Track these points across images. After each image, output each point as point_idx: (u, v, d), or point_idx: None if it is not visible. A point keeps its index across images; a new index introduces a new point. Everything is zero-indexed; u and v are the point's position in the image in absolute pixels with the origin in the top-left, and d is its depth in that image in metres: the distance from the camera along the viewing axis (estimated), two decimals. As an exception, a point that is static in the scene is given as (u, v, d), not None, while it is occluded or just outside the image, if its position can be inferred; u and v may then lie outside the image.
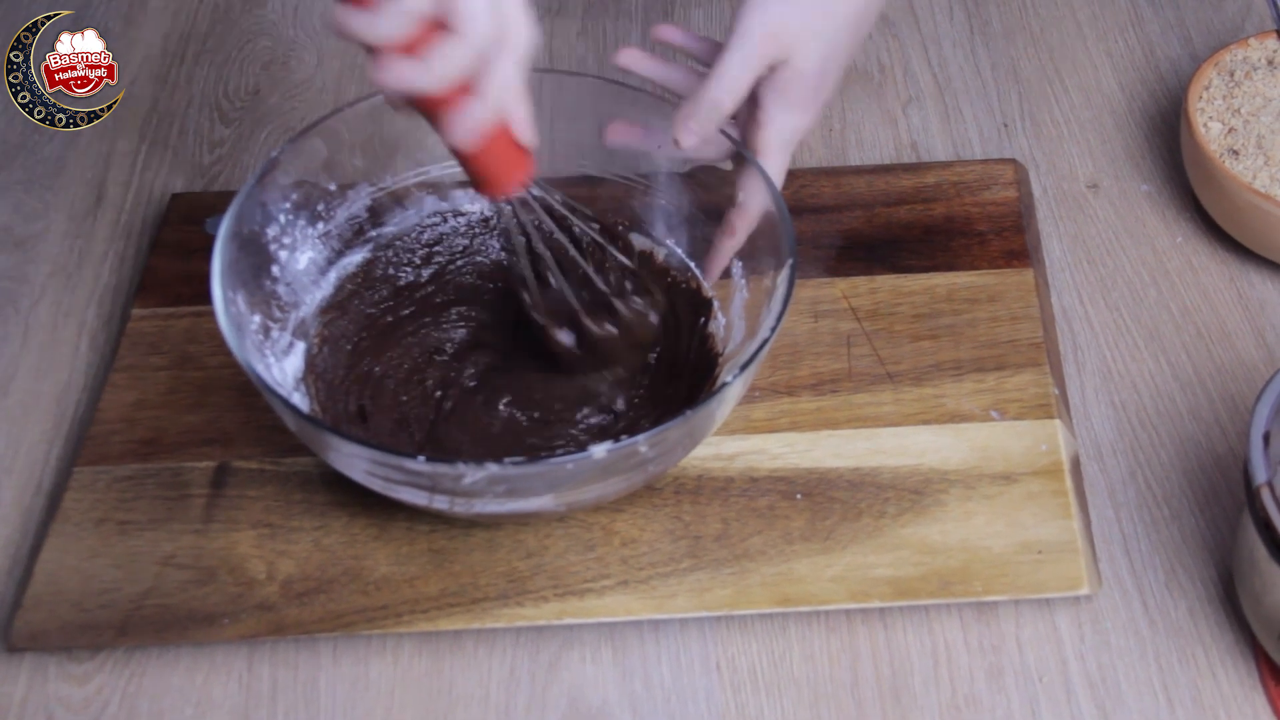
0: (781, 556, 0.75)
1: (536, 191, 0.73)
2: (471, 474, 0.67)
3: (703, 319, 0.83)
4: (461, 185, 0.87)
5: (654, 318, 0.78)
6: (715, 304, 0.83)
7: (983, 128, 1.00)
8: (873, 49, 1.06)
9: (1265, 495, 0.64)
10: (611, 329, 0.77)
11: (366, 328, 0.82)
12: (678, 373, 0.81)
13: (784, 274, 0.74)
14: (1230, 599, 0.74)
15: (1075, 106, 1.01)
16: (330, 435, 0.70)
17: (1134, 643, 0.73)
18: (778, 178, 0.79)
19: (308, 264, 0.81)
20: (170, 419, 0.82)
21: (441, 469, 0.68)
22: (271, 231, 0.78)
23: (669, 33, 0.82)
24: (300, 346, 0.79)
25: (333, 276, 0.82)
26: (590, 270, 0.76)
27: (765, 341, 0.71)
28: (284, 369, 0.78)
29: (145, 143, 1.01)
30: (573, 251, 0.76)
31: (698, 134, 0.76)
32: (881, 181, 0.93)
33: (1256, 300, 0.88)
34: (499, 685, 0.73)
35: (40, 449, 0.83)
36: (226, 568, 0.75)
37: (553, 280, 0.76)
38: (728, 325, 0.82)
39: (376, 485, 0.71)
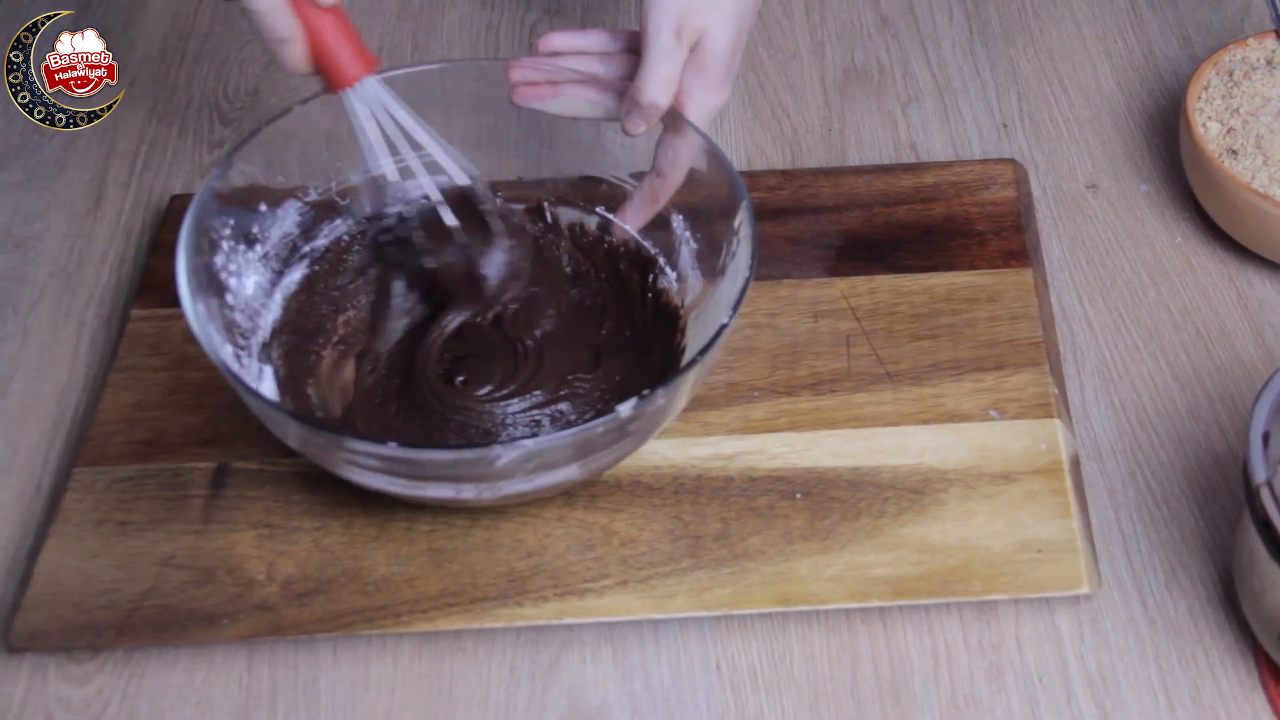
0: (781, 556, 0.75)
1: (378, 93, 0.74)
2: (506, 454, 0.67)
3: (650, 276, 0.83)
4: (377, 187, 0.86)
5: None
6: (661, 260, 0.83)
7: (982, 128, 1.00)
8: (872, 49, 1.06)
9: (1265, 495, 0.64)
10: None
11: (324, 347, 0.82)
12: (639, 331, 0.82)
13: (742, 215, 0.75)
14: (1230, 598, 0.74)
15: (1074, 107, 1.01)
16: (351, 440, 0.69)
17: (1134, 642, 0.74)
18: (673, 191, 0.82)
19: (255, 288, 0.80)
20: (169, 419, 0.82)
21: (476, 454, 0.67)
22: (219, 260, 0.77)
23: (556, 40, 0.83)
24: (269, 371, 0.79)
25: (278, 297, 0.81)
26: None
27: (748, 280, 0.72)
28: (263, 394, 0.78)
29: (145, 143, 1.01)
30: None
31: (646, 126, 0.79)
32: (880, 182, 0.93)
33: (1255, 300, 0.88)
34: (499, 685, 0.73)
35: (40, 449, 0.83)
36: (226, 568, 0.75)
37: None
38: (680, 278, 0.82)
39: (398, 488, 0.71)
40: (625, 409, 0.67)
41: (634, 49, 0.82)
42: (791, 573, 0.74)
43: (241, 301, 0.78)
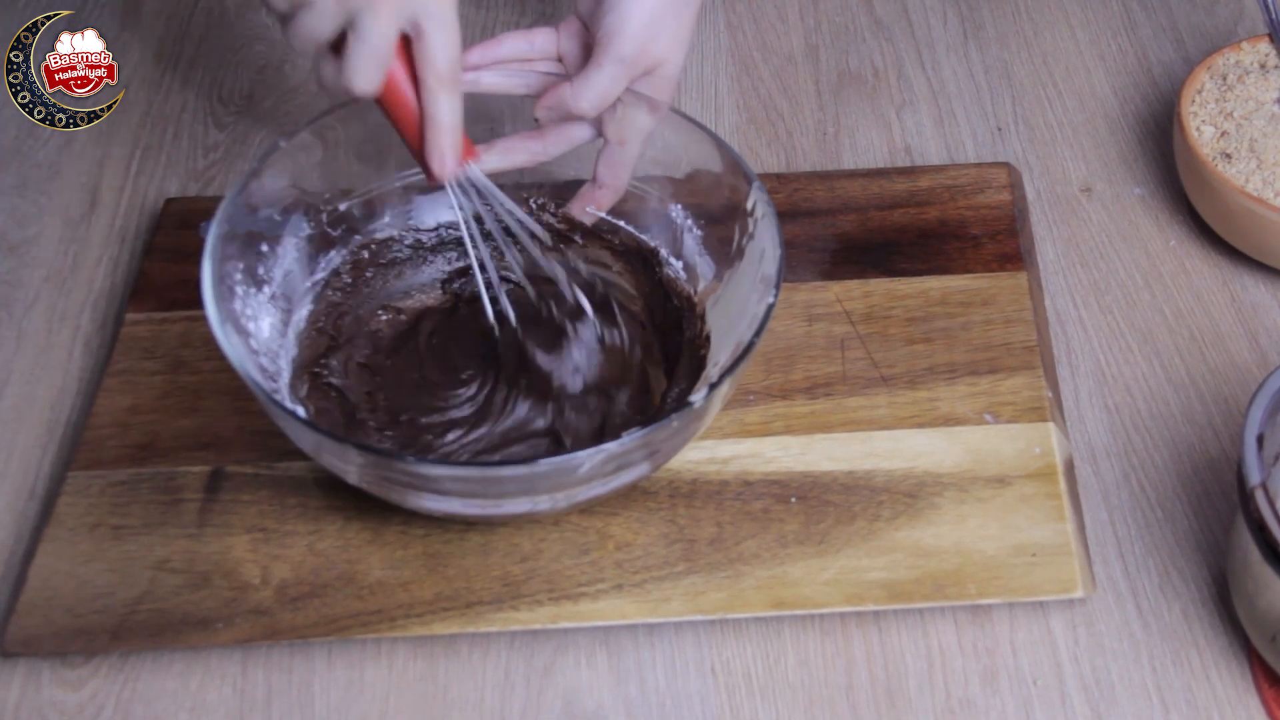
0: (776, 560, 0.75)
1: (475, 182, 0.74)
2: (589, 460, 0.67)
3: (654, 268, 0.84)
4: (367, 208, 0.85)
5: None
6: (662, 251, 0.84)
7: (976, 131, 1.00)
8: (867, 52, 1.06)
9: (1259, 497, 0.64)
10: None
11: (343, 378, 0.81)
12: (658, 323, 0.82)
13: (755, 195, 0.76)
14: (1224, 601, 0.75)
15: (1068, 110, 1.01)
16: (431, 466, 0.68)
17: (1128, 645, 0.74)
18: (635, 164, 0.83)
19: (270, 330, 0.79)
20: (164, 423, 0.82)
21: (557, 464, 0.67)
22: (237, 306, 0.76)
23: (473, 57, 0.82)
24: (300, 411, 0.77)
25: (291, 336, 0.81)
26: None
27: (781, 258, 0.73)
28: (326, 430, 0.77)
29: (139, 147, 1.01)
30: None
31: (556, 118, 0.80)
32: (875, 185, 0.93)
33: (1249, 303, 0.88)
34: (493, 689, 0.73)
35: (34, 453, 0.83)
36: (220, 572, 0.75)
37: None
38: (688, 267, 0.82)
39: (475, 509, 0.71)
40: (698, 400, 0.68)
41: (551, 55, 0.83)
42: (786, 576, 0.74)
43: (262, 344, 0.77)
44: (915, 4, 1.10)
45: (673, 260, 0.83)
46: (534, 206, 0.86)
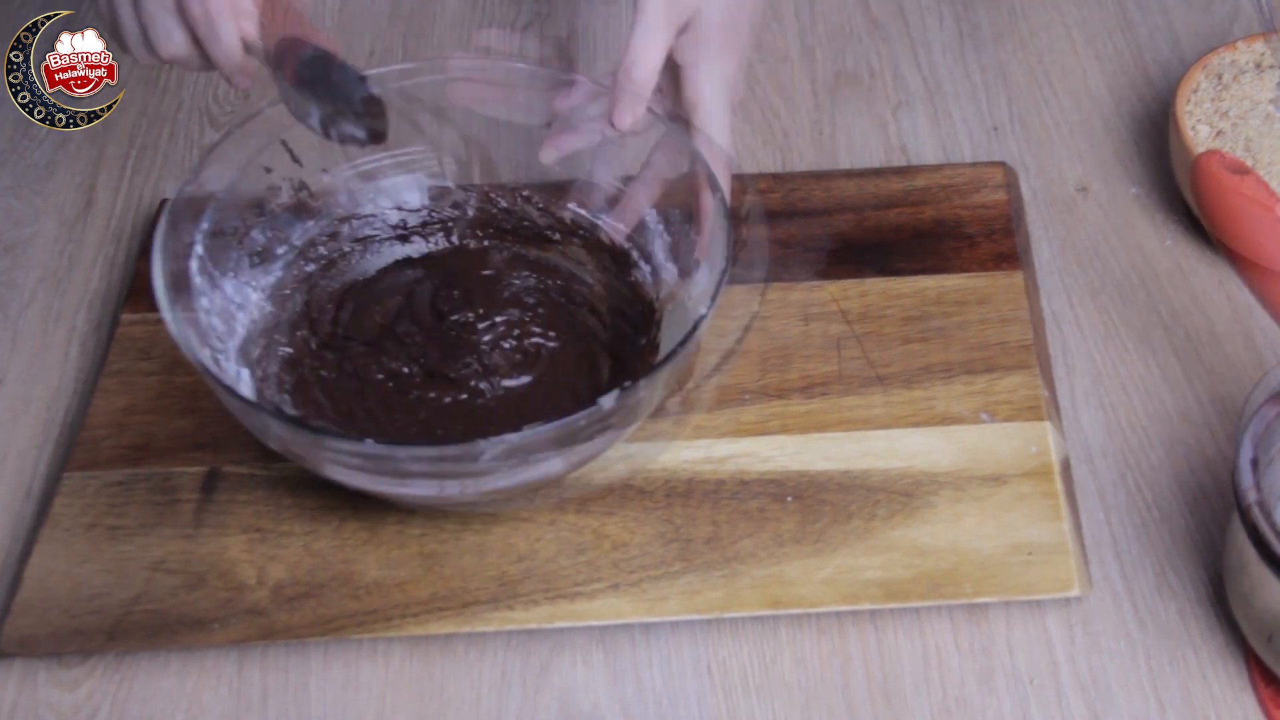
0: (772, 559, 0.75)
1: None
2: (490, 449, 0.67)
3: (624, 269, 0.84)
4: (296, 211, 0.85)
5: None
6: (633, 254, 0.84)
7: (972, 131, 1.00)
8: (862, 52, 1.06)
9: (1255, 513, 0.64)
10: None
11: (302, 347, 0.81)
12: (618, 327, 0.83)
13: (714, 205, 0.76)
14: (1220, 600, 0.75)
15: (1064, 110, 1.01)
16: (330, 439, 0.69)
17: (1124, 644, 0.74)
18: (723, 130, 0.81)
19: (231, 291, 0.79)
20: (160, 424, 0.82)
21: (460, 449, 0.68)
22: (194, 265, 0.77)
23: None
24: (246, 374, 0.78)
25: (254, 299, 0.81)
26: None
27: (724, 271, 0.73)
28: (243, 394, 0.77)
29: (135, 147, 1.01)
30: None
31: (633, 116, 0.78)
32: (871, 185, 0.93)
33: (1245, 303, 0.88)
34: (490, 689, 0.73)
35: (30, 454, 0.83)
36: (216, 573, 0.75)
37: None
38: (654, 271, 0.83)
39: (383, 486, 0.71)
40: (608, 401, 0.68)
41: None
42: (782, 575, 0.74)
43: (218, 306, 0.78)
44: (911, 4, 1.10)
45: (642, 264, 0.84)
46: (520, 199, 0.87)
